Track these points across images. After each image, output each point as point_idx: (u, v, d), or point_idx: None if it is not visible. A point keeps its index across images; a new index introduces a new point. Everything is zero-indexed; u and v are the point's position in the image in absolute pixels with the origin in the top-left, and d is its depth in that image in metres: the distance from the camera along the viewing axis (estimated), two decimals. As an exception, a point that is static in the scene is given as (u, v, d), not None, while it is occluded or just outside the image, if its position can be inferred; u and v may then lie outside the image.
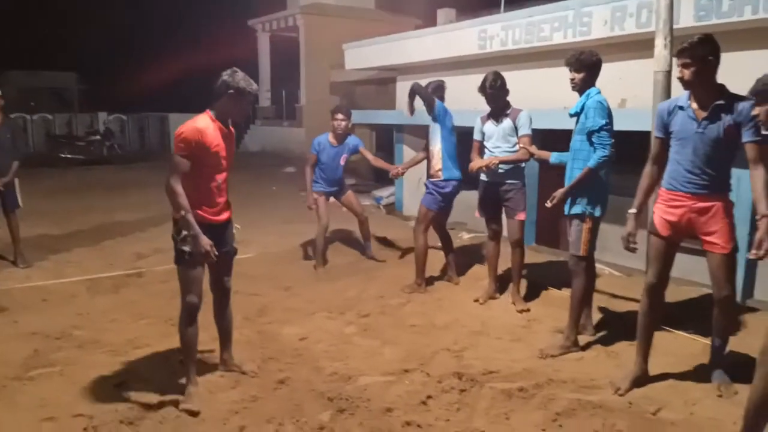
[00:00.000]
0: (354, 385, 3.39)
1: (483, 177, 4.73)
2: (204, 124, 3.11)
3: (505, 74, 4.66)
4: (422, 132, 8.62)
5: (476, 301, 4.80)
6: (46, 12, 26.13)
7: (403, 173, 5.71)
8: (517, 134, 4.57)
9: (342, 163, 6.02)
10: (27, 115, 18.05)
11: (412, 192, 8.75)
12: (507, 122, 4.59)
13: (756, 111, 2.70)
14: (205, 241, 3.08)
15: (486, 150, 4.72)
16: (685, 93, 3.16)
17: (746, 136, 2.96)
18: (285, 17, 18.39)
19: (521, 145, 4.52)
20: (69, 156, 15.78)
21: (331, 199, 6.22)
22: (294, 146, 17.28)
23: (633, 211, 3.31)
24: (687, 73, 3.03)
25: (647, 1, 5.05)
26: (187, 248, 3.13)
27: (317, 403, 3.18)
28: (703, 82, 3.04)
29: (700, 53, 2.98)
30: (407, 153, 8.72)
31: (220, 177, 3.25)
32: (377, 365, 3.67)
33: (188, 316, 3.22)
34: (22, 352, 3.79)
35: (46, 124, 18.41)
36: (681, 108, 3.16)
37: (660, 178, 3.29)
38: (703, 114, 3.06)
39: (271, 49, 20.08)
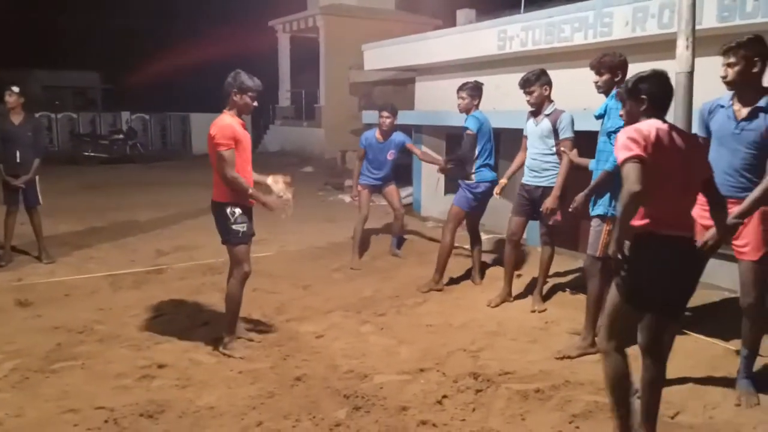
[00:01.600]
0: (370, 383, 3.41)
1: (525, 179, 4.66)
2: (230, 120, 3.67)
3: (525, 76, 4.61)
4: (441, 133, 8.66)
5: (488, 305, 4.76)
6: (70, 12, 26.58)
7: (450, 168, 5.60)
8: (556, 137, 4.45)
9: (389, 158, 6.16)
10: (52, 114, 18.38)
11: (430, 193, 8.75)
12: (545, 123, 4.48)
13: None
14: (275, 201, 3.84)
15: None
16: (729, 93, 3.09)
17: None
18: (305, 18, 18.49)
19: (562, 149, 4.37)
20: (92, 154, 16.03)
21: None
22: (313, 146, 17.36)
23: None
24: (731, 72, 2.97)
25: (669, 1, 4.99)
26: (242, 228, 3.72)
27: (333, 401, 3.20)
28: (747, 83, 2.96)
29: (745, 53, 2.91)
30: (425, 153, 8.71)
31: (249, 165, 3.79)
32: (393, 364, 3.69)
33: (242, 281, 3.82)
34: (45, 345, 3.87)
35: (71, 123, 18.74)
36: (722, 107, 3.10)
37: None
38: (743, 114, 3.00)
39: (291, 50, 20.19)
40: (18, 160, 5.70)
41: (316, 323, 4.39)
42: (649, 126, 2.43)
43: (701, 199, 3.11)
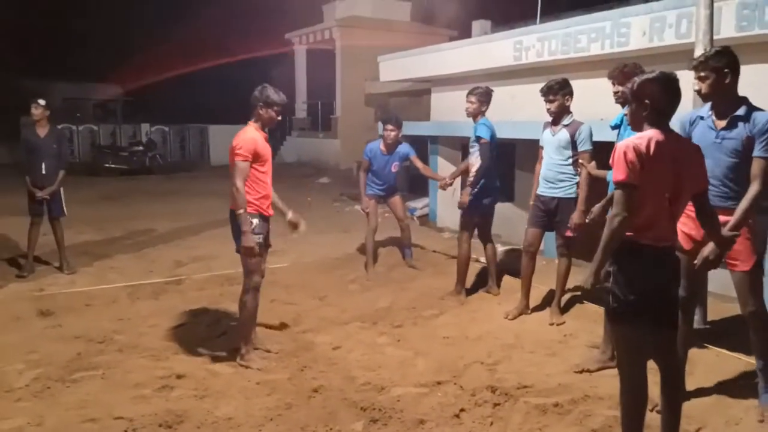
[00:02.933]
0: (387, 395, 3.40)
1: (540, 190, 4.62)
2: (254, 134, 3.79)
3: (540, 86, 4.60)
4: (457, 143, 8.67)
5: (506, 317, 4.72)
6: (92, 24, 27.09)
7: (451, 183, 5.67)
8: (574, 148, 4.42)
9: (394, 170, 6.18)
10: (73, 126, 18.72)
11: (446, 203, 8.74)
12: (563, 134, 4.45)
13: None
14: (251, 240, 3.71)
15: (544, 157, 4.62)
16: (708, 104, 3.13)
17: (755, 150, 2.92)
18: (321, 30, 18.67)
19: (581, 161, 4.35)
20: (113, 166, 16.28)
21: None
22: (329, 157, 17.45)
23: None
24: (703, 86, 3.03)
25: (687, 11, 4.97)
26: (257, 239, 3.77)
27: (350, 413, 3.20)
28: (721, 94, 3.01)
29: (715, 65, 2.96)
30: (441, 164, 8.74)
31: (269, 176, 3.90)
32: (410, 376, 3.68)
33: (255, 291, 3.88)
34: (66, 354, 3.92)
35: (92, 134, 19.07)
36: (702, 118, 3.14)
37: None
38: (722, 124, 3.03)
39: (308, 62, 20.39)
40: (43, 172, 5.81)
41: (332, 334, 4.39)
42: (648, 140, 2.41)
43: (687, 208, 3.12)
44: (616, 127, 3.85)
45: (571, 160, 4.47)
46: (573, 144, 4.43)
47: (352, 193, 11.80)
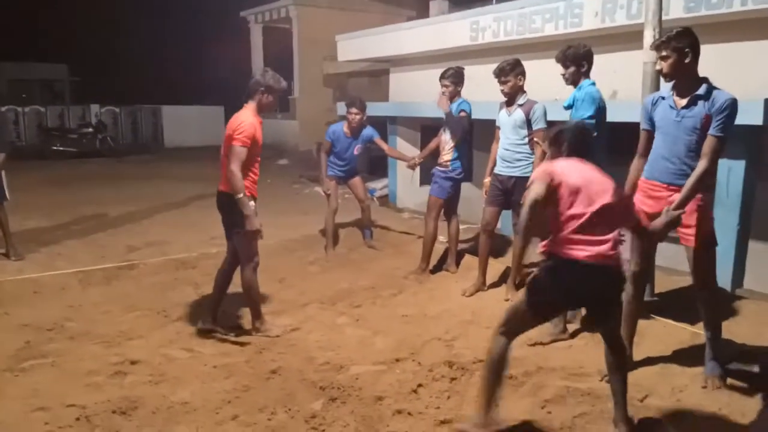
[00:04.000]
0: (345, 374, 3.42)
1: (497, 169, 4.68)
2: (253, 119, 3.74)
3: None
4: (417, 124, 8.67)
5: (463, 294, 4.81)
6: (37, 3, 25.86)
7: (419, 163, 5.69)
8: (529, 127, 4.49)
9: (356, 152, 6.13)
10: (19, 108, 17.90)
11: (405, 184, 8.77)
12: (518, 113, 4.51)
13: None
14: (255, 222, 3.70)
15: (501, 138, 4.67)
16: (669, 84, 3.21)
17: (711, 129, 3.00)
18: (278, 8, 18.26)
19: (536, 139, 4.41)
20: (61, 148, 15.66)
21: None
22: (288, 138, 17.22)
23: None
24: (665, 66, 3.09)
25: (638, -8, 5.07)
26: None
27: (309, 392, 3.20)
28: (682, 74, 3.08)
29: (676, 45, 3.02)
30: (401, 144, 8.73)
31: (258, 158, 3.88)
32: (369, 355, 3.71)
33: (255, 272, 3.90)
34: (14, 343, 3.79)
35: (39, 116, 18.25)
36: (663, 98, 3.22)
37: None
38: (682, 103, 3.11)
39: (264, 41, 19.94)
40: (-19, 156, 5.54)
41: (291, 316, 4.37)
42: (560, 161, 2.67)
43: (643, 185, 3.23)
44: (569, 107, 3.91)
45: (527, 140, 4.53)
46: (528, 123, 4.49)
47: (312, 175, 11.71)
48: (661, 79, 3.31)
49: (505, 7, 6.79)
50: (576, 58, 3.84)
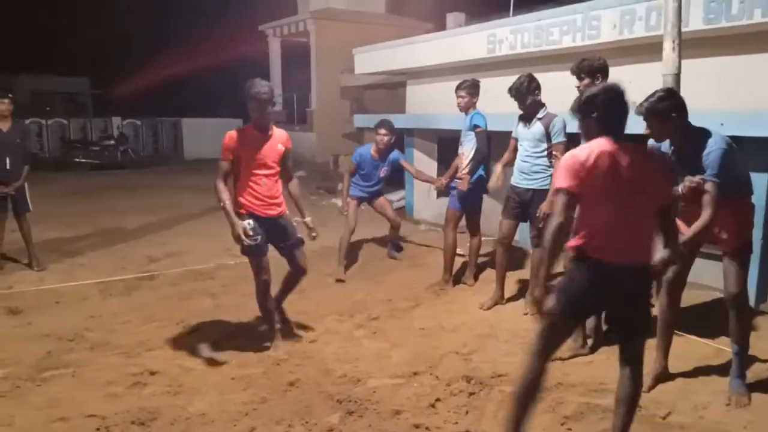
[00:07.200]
0: (363, 387, 3.41)
1: (514, 181, 4.66)
2: (233, 132, 3.68)
3: (514, 78, 4.63)
4: (433, 136, 8.68)
5: (481, 307, 4.78)
6: (58, 16, 26.45)
7: (447, 183, 5.49)
8: (548, 140, 4.46)
9: (382, 175, 6.09)
10: (42, 120, 18.27)
11: (422, 197, 8.76)
12: (538, 127, 4.48)
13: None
14: (237, 229, 3.58)
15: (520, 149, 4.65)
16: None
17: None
18: (296, 22, 18.47)
19: (554, 153, 4.38)
20: (83, 160, 15.94)
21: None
22: (305, 150, 17.32)
23: None
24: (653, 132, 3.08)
25: (656, 4, 5.04)
26: (252, 241, 3.64)
27: (326, 405, 3.20)
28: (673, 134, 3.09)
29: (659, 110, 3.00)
30: (418, 157, 8.74)
31: (261, 174, 3.73)
32: (386, 368, 3.69)
33: (262, 290, 3.82)
34: (35, 353, 3.84)
35: (61, 129, 18.62)
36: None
37: None
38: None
39: (282, 54, 20.16)
40: (7, 167, 5.66)
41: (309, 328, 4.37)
42: (590, 149, 2.38)
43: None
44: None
45: (545, 153, 4.51)
46: (548, 136, 4.47)
47: (329, 187, 11.77)
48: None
49: (522, 19, 6.79)
50: (591, 70, 3.82)
